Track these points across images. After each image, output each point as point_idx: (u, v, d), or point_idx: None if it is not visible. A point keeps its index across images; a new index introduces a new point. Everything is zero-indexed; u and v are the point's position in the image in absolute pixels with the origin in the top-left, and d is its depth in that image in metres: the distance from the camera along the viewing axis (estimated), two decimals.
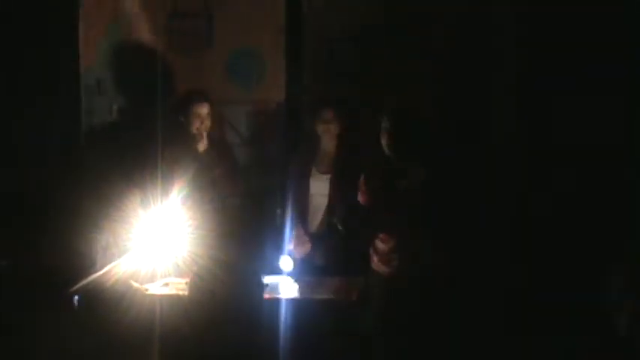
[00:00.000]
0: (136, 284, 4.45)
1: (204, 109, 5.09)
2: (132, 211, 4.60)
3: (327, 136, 5.04)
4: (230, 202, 4.98)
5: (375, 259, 4.24)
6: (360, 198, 4.30)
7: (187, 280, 4.10)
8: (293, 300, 4.39)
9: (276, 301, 4.39)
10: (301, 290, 4.48)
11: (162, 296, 4.42)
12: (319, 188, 4.98)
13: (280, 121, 5.29)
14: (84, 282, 4.34)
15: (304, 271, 4.72)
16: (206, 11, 5.48)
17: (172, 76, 5.42)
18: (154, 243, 4.63)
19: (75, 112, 5.48)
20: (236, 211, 4.86)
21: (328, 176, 4.96)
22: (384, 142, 4.23)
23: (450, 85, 5.15)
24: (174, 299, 4.34)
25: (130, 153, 5.21)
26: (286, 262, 4.66)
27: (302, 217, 4.98)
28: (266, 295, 4.27)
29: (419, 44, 5.24)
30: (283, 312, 4.30)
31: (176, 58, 5.47)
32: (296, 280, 4.60)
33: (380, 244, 4.22)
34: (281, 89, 5.37)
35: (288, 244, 4.79)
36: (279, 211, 5.04)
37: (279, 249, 4.74)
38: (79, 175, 5.24)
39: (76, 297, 4.30)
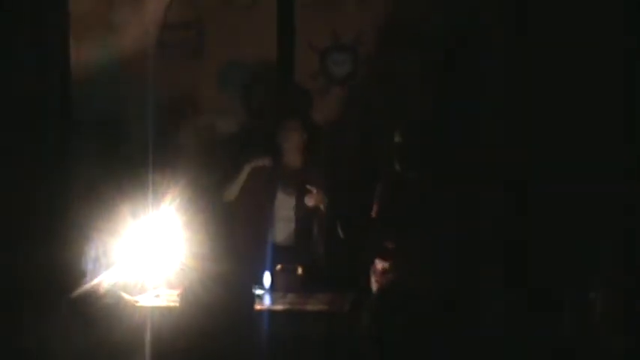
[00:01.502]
0: (126, 296, 4.46)
1: None
2: (122, 222, 4.58)
3: (289, 146, 4.94)
4: (222, 212, 4.98)
5: (374, 278, 4.30)
6: (374, 211, 4.34)
7: (179, 291, 4.14)
8: (284, 311, 4.37)
9: (267, 313, 4.37)
10: (293, 302, 4.47)
11: (153, 308, 4.41)
12: (285, 202, 4.92)
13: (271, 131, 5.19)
14: (74, 293, 4.35)
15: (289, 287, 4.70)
16: (197, 22, 5.47)
17: (163, 87, 5.40)
18: (146, 254, 4.62)
19: (64, 123, 5.46)
20: (228, 222, 4.86)
21: (293, 190, 4.89)
22: (396, 155, 4.29)
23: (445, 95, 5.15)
24: (166, 311, 4.34)
25: (120, 164, 5.20)
26: (266, 278, 4.66)
27: (266, 232, 4.95)
28: (257, 307, 4.32)
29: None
30: (274, 323, 4.30)
31: (167, 68, 5.45)
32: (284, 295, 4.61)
33: (380, 263, 4.27)
34: (272, 99, 5.38)
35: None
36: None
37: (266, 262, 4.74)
38: (69, 186, 5.23)
39: (66, 308, 4.30)
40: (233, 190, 4.96)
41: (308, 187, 4.73)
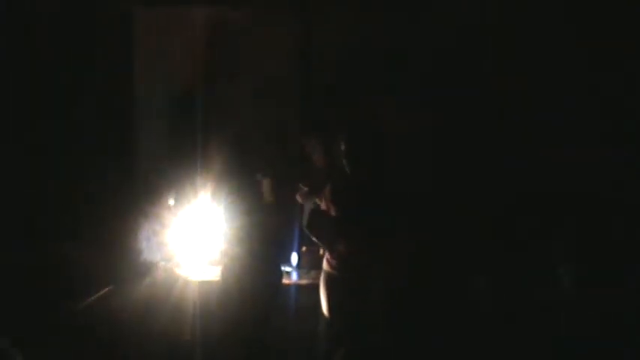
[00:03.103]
0: (179, 271, 4.86)
1: None
2: (175, 210, 4.92)
3: (314, 150, 5.02)
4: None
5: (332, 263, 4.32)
6: (324, 205, 4.35)
7: (221, 268, 4.59)
8: (308, 285, 4.71)
9: (294, 286, 4.79)
10: (315, 277, 4.66)
11: (200, 282, 4.76)
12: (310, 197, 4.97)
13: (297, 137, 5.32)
14: (135, 268, 4.73)
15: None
16: (229, 42, 5.71)
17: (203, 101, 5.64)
18: (195, 237, 4.94)
19: (126, 122, 5.71)
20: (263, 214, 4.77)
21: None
22: (343, 157, 4.28)
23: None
24: (210, 284, 4.68)
25: (172, 156, 5.47)
26: (294, 258, 4.98)
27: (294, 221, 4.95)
28: (286, 281, 4.79)
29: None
30: (300, 294, 4.67)
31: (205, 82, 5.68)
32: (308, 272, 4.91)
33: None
34: (297, 110, 5.64)
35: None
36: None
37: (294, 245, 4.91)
38: (128, 179, 5.49)
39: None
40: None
41: (301, 185, 4.85)
